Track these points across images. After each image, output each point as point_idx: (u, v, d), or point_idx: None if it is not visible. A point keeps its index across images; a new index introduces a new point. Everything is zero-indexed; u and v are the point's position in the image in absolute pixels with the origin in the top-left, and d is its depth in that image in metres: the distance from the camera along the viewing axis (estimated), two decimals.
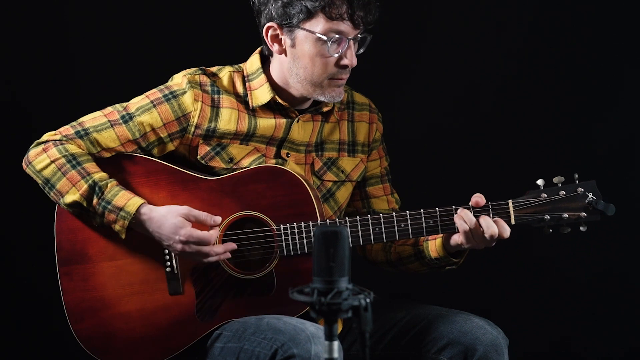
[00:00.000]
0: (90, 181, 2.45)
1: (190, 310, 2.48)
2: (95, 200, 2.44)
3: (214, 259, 2.44)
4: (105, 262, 2.50)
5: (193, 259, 2.46)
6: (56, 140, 2.50)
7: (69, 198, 2.46)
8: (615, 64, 3.57)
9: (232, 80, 2.58)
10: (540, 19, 3.59)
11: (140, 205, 2.44)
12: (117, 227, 2.45)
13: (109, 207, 2.43)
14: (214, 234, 2.43)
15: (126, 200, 2.43)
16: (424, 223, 2.45)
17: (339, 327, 2.53)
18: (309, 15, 2.44)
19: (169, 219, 2.42)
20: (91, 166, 2.47)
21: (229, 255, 2.46)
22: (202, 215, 2.44)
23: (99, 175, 2.46)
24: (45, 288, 2.84)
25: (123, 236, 2.46)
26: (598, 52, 3.57)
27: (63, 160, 2.47)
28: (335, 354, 1.77)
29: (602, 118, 3.57)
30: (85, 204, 2.45)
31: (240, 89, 2.58)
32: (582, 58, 3.59)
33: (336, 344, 1.78)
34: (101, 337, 2.50)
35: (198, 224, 2.43)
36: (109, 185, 2.45)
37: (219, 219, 2.45)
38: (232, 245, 2.46)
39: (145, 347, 2.49)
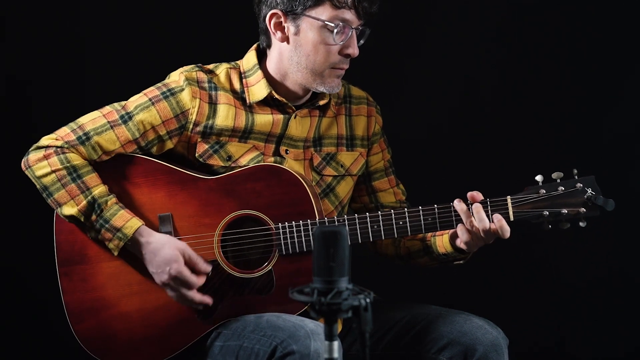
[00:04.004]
0: (89, 197, 2.44)
1: (189, 310, 2.48)
2: (93, 217, 2.44)
3: (187, 304, 2.45)
4: (105, 263, 2.49)
5: (171, 293, 2.46)
6: (57, 147, 2.48)
7: (67, 210, 2.45)
8: (615, 61, 3.56)
9: (229, 77, 2.58)
10: (539, 17, 3.59)
11: (139, 228, 2.44)
12: (111, 245, 2.45)
13: (107, 226, 2.43)
14: (200, 281, 2.44)
15: (124, 222, 2.43)
16: (422, 220, 2.44)
17: (339, 327, 2.53)
18: (316, 2, 2.46)
19: (166, 249, 2.43)
20: (91, 179, 2.46)
21: (200, 307, 2.46)
22: (195, 257, 2.44)
23: (98, 190, 2.45)
24: (45, 289, 2.83)
25: (115, 254, 2.46)
26: (598, 49, 3.57)
27: (64, 171, 2.46)
28: (335, 354, 1.77)
29: (601, 114, 3.57)
30: (82, 219, 2.45)
31: (237, 85, 2.58)
32: (581, 54, 3.58)
33: (336, 343, 1.78)
34: (101, 337, 2.49)
35: (189, 262, 2.44)
36: (108, 202, 2.44)
37: (209, 267, 2.45)
38: (208, 300, 2.45)
39: (145, 347, 2.49)
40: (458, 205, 2.41)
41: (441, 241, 2.54)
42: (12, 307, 3.53)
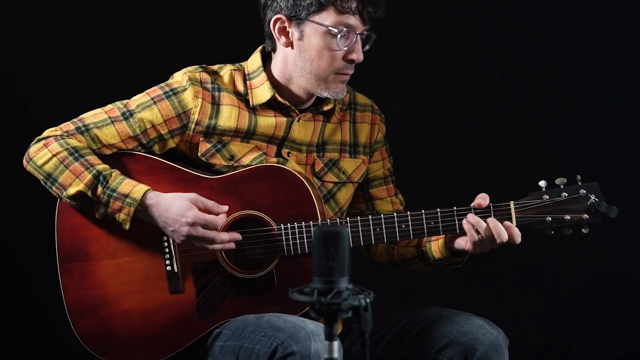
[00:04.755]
0: (94, 171, 2.44)
1: (190, 309, 2.48)
2: (100, 190, 2.44)
3: (218, 246, 2.42)
4: (106, 260, 2.50)
5: (198, 245, 2.43)
6: (57, 135, 2.50)
7: (73, 190, 2.45)
8: (617, 65, 3.57)
9: (232, 79, 2.59)
10: (540, 18, 3.59)
11: (147, 190, 2.43)
12: (122, 215, 2.44)
13: (114, 194, 2.43)
14: (221, 219, 2.42)
15: (132, 187, 2.43)
16: (425, 224, 2.44)
17: (339, 327, 2.53)
18: (320, 7, 2.45)
19: (177, 202, 2.41)
20: (93, 158, 2.47)
21: (233, 245, 2.44)
22: (210, 202, 2.43)
23: (102, 165, 2.46)
24: (45, 286, 2.84)
25: (127, 226, 2.44)
26: (600, 52, 3.57)
27: (65, 153, 2.46)
28: (335, 354, 1.77)
29: (604, 119, 3.57)
30: (89, 194, 2.44)
31: (240, 87, 2.58)
32: (583, 58, 3.59)
33: (336, 343, 1.78)
34: (101, 335, 2.50)
35: (204, 209, 2.42)
36: (113, 174, 2.45)
37: (226, 207, 2.44)
38: (237, 236, 2.44)
39: (145, 345, 2.49)
40: (472, 218, 2.40)
41: (437, 246, 2.54)
42: (12, 304, 3.53)
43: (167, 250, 2.49)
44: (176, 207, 2.41)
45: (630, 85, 3.57)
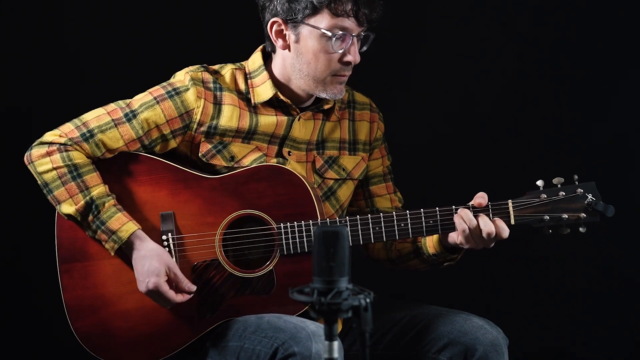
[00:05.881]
0: (87, 197, 2.44)
1: (190, 309, 2.48)
2: (90, 218, 2.45)
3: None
4: (106, 260, 2.49)
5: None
6: (61, 144, 2.48)
7: (65, 209, 2.46)
8: (614, 65, 3.57)
9: (234, 78, 2.59)
10: (539, 21, 3.60)
11: (134, 232, 2.44)
12: (107, 246, 2.46)
13: (102, 227, 2.44)
14: (178, 298, 2.43)
15: (120, 225, 2.44)
16: (423, 223, 2.45)
17: (339, 327, 2.54)
18: (315, 11, 2.45)
19: (153, 260, 2.43)
20: (91, 179, 2.47)
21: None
22: (181, 277, 2.44)
23: (97, 190, 2.46)
24: (45, 286, 2.84)
25: (112, 254, 2.47)
26: (597, 52, 3.58)
27: (65, 169, 2.46)
28: (336, 354, 1.78)
29: (601, 119, 3.58)
30: (79, 219, 2.46)
31: (242, 86, 2.58)
32: (581, 59, 3.59)
33: (336, 343, 1.78)
34: (101, 335, 2.50)
35: (173, 280, 2.44)
36: (106, 204, 2.45)
37: (193, 288, 2.45)
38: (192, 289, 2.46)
39: (145, 345, 2.49)
40: (466, 215, 2.41)
41: (431, 241, 2.55)
42: (11, 304, 3.53)
43: (166, 249, 2.49)
44: (148, 265, 2.43)
45: (627, 85, 3.57)
